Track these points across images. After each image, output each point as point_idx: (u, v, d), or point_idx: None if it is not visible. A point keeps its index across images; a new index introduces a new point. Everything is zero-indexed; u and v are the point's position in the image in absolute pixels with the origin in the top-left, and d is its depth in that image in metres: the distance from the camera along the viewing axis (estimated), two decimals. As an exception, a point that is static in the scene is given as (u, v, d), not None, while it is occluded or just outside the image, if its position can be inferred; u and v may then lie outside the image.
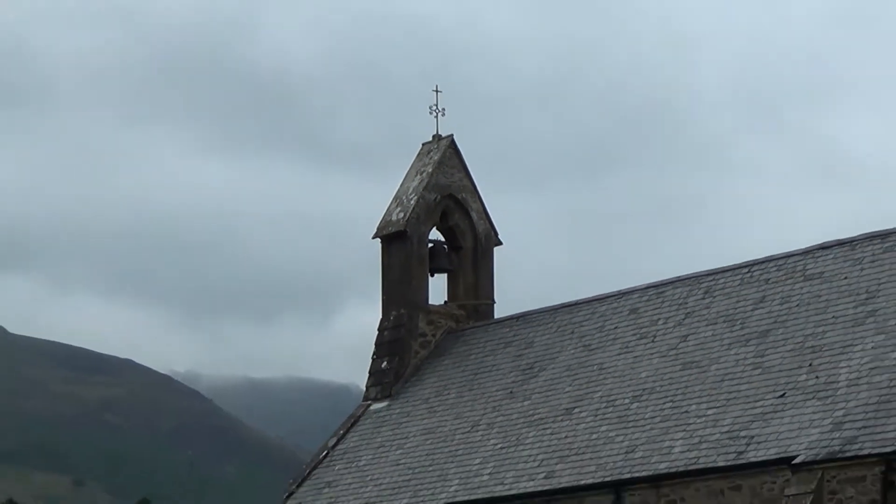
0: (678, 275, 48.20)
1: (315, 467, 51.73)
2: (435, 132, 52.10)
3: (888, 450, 33.98)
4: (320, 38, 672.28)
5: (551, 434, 44.62)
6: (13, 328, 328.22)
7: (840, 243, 44.46)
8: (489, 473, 45.03)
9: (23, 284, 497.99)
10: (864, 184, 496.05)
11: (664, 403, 42.48)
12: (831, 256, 44.34)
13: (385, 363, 51.95)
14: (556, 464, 43.17)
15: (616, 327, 47.75)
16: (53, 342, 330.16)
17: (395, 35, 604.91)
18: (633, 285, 49.15)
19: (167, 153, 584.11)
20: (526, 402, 47.11)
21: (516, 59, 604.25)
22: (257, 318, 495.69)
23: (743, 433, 38.72)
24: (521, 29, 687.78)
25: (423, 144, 52.44)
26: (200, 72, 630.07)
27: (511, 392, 48.04)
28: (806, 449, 36.30)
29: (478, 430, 47.40)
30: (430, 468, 47.44)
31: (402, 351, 51.74)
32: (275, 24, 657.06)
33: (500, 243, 52.84)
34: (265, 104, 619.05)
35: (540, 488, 42.76)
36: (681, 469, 39.63)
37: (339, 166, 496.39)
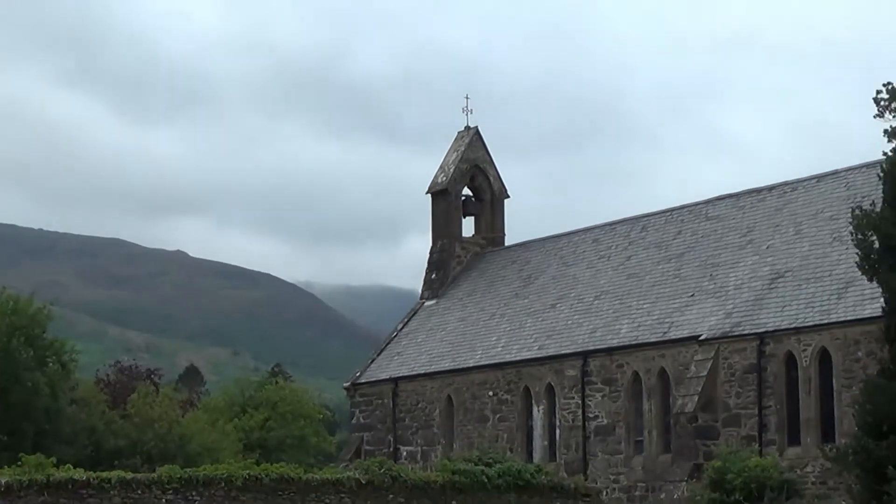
0: (623, 217, 58.07)
1: (388, 343, 62.33)
2: (466, 124, 64.68)
3: (760, 331, 43.64)
4: (395, 60, 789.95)
5: (542, 321, 54.35)
6: (193, 253, 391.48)
7: (729, 196, 53.58)
8: (502, 346, 54.77)
9: (199, 223, 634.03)
10: (744, 156, 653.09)
11: (615, 301, 51.97)
12: (723, 204, 53.14)
13: (434, 275, 63.66)
14: (545, 340, 52.83)
15: (584, 251, 57.55)
16: (219, 262, 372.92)
17: (443, 61, 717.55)
18: (594, 224, 59.56)
19: (295, 139, 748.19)
20: (525, 300, 57.07)
21: (520, 73, 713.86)
22: (354, 245, 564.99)
23: (666, 320, 48.19)
24: (521, 51, 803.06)
25: (458, 132, 64.81)
26: (313, 82, 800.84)
27: (516, 293, 58.18)
28: (707, 330, 45.49)
29: (494, 318, 57.31)
30: (463, 343, 57.33)
31: (445, 267, 63.33)
32: (364, 49, 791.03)
33: (508, 196, 65.19)
34: (357, 105, 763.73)
35: (534, 356, 52.52)
36: (626, 343, 48.91)
37: (406, 146, 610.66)
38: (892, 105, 36.45)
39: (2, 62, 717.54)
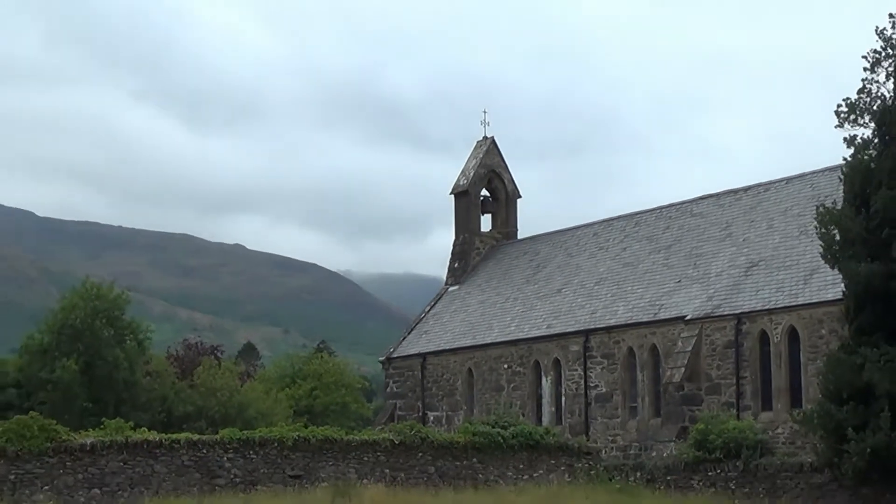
0: (619, 214, 57.93)
1: (417, 323, 62.34)
2: (484, 134, 64.50)
3: (738, 312, 43.81)
4: (423, 79, 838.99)
5: (549, 303, 54.34)
6: (249, 246, 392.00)
7: (710, 195, 53.53)
8: (515, 325, 54.70)
9: (255, 220, 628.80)
10: (723, 161, 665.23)
11: (612, 286, 51.93)
12: (705, 203, 53.15)
13: (456, 264, 63.60)
14: (552, 320, 52.83)
15: (586, 243, 57.44)
16: (271, 253, 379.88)
17: (464, 80, 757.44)
18: (594, 220, 59.52)
19: (336, 147, 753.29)
20: (535, 286, 56.96)
21: (531, 90, 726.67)
22: (387, 238, 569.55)
23: (657, 303, 48.24)
24: (532, 71, 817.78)
25: (477, 141, 64.60)
26: (351, 98, 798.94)
27: (527, 280, 58.09)
28: (692, 311, 45.60)
29: (508, 302, 57.30)
30: (482, 323, 57.30)
31: (466, 257, 63.33)
32: (396, 69, 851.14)
33: (520, 196, 65.05)
34: (389, 117, 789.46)
35: (543, 334, 52.48)
36: (622, 323, 48.97)
37: (432, 153, 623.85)
38: (850, 117, 36.46)
39: (86, 82, 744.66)
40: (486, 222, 64.60)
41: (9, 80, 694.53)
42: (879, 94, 36.66)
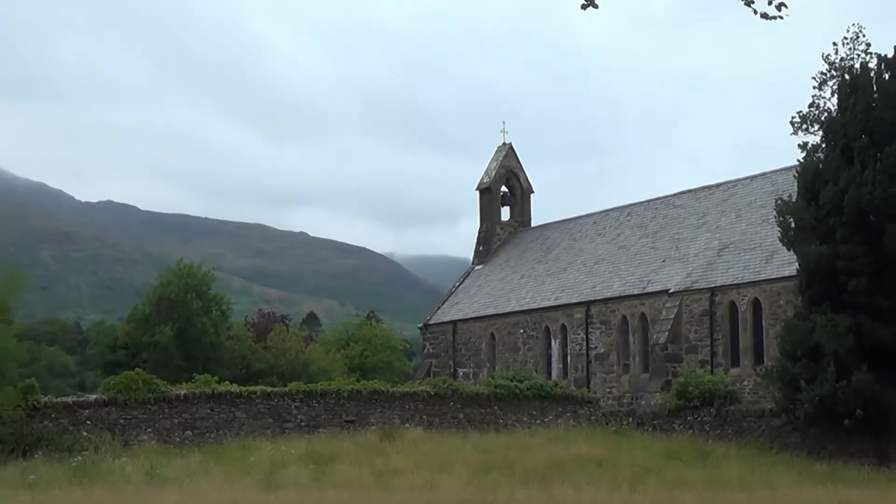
0: (615, 206, 57.92)
1: (449, 296, 62.34)
2: (503, 141, 64.32)
3: (712, 286, 43.92)
4: (453, 92, 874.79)
5: (557, 280, 54.18)
6: (311, 233, 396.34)
7: (689, 190, 53.25)
8: (529, 297, 54.54)
9: (316, 211, 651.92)
10: (700, 162, 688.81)
11: (609, 265, 51.91)
12: (685, 197, 52.93)
13: (481, 247, 63.52)
14: (560, 293, 52.74)
15: (587, 230, 57.40)
16: (330, 239, 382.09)
17: (487, 94, 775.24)
18: (594, 211, 59.30)
19: (381, 150, 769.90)
20: (545, 265, 56.86)
21: (542, 103, 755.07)
22: (424, 226, 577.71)
23: (645, 279, 48.29)
24: (543, 87, 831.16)
25: (498, 147, 64.36)
26: (394, 109, 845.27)
27: (539, 260, 57.99)
28: (674, 286, 45.72)
29: (523, 278, 57.18)
30: (501, 295, 57.18)
31: (489, 242, 63.30)
32: (431, 85, 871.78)
33: (533, 192, 64.83)
34: (424, 125, 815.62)
35: (552, 304, 52.34)
36: (617, 295, 48.91)
37: (460, 156, 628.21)
38: (802, 126, 36.68)
39: (179, 100, 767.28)
40: (505, 213, 64.57)
41: (119, 99, 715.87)
42: (826, 108, 37.13)
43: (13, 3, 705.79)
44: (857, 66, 35.30)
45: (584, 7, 9.43)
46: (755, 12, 9.07)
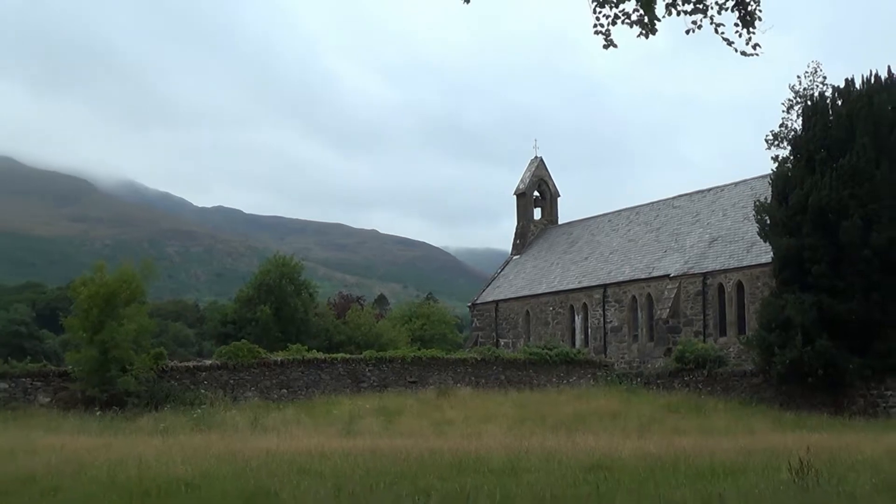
0: (625, 206, 57.48)
1: (492, 280, 62.24)
2: (535, 154, 64.08)
3: (704, 271, 43.88)
4: (491, 113, 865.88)
5: (580, 267, 53.82)
6: (381, 230, 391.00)
7: (685, 194, 52.79)
8: (557, 281, 54.21)
9: (385, 212, 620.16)
10: (694, 171, 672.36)
11: (621, 255, 51.60)
12: (682, 199, 52.58)
13: (518, 241, 63.30)
14: (582, 277, 52.34)
15: (603, 227, 57.07)
16: (395, 235, 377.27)
17: (521, 114, 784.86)
18: (609, 210, 58.94)
19: (433, 163, 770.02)
20: (570, 255, 56.53)
21: (566, 122, 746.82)
22: (472, 224, 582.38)
23: (651, 266, 47.98)
24: (567, 109, 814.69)
25: (531, 160, 64.10)
26: (442, 128, 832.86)
27: (565, 251, 57.75)
28: (674, 271, 45.60)
29: (552, 266, 56.89)
30: (535, 280, 56.85)
31: (524, 237, 63.13)
32: (473, 106, 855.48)
33: (559, 196, 64.40)
34: (469, 142, 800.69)
35: (576, 287, 51.91)
36: (628, 279, 48.57)
37: (500, 167, 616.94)
38: (775, 142, 36.60)
39: (271, 121, 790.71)
40: (537, 213, 64.37)
41: (225, 122, 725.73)
42: (793, 128, 36.96)
43: (141, 47, 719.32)
44: (817, 94, 35.20)
45: (605, 47, 9.75)
46: (736, 50, 9.58)
